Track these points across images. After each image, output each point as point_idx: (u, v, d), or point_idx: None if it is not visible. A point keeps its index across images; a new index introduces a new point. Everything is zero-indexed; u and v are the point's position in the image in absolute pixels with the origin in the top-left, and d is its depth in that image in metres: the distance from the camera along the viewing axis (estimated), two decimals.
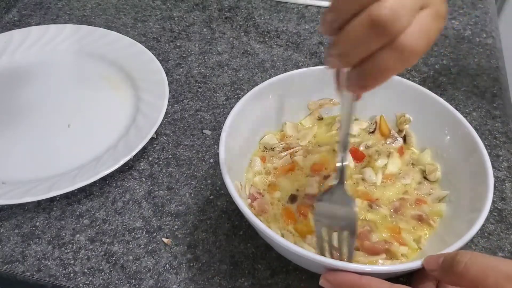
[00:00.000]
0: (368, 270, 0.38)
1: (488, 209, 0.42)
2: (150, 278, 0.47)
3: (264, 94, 0.54)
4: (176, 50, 0.73)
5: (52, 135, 0.61)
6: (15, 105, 0.64)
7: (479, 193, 0.45)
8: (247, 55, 0.73)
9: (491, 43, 0.75)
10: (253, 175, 0.52)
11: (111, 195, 0.54)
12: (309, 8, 0.82)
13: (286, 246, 0.40)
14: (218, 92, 0.67)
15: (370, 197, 0.49)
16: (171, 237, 0.51)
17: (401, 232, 0.47)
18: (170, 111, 0.64)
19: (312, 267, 0.43)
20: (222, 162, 0.46)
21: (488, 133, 0.61)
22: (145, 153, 0.59)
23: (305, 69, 0.56)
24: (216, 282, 0.47)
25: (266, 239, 0.43)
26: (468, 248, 0.50)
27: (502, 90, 0.67)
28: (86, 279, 0.47)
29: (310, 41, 0.75)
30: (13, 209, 0.53)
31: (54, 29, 0.73)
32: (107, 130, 0.61)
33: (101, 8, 0.81)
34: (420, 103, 0.54)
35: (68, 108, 0.64)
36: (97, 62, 0.70)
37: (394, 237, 0.46)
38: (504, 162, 0.58)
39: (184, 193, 0.55)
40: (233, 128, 0.49)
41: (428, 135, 0.54)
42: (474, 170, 0.47)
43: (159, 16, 0.80)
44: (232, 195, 0.44)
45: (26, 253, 0.49)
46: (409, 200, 0.49)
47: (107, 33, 0.72)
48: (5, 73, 0.69)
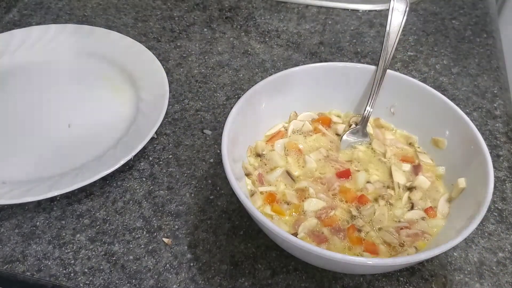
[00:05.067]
0: (369, 263, 0.39)
1: (487, 205, 0.42)
2: (151, 278, 0.47)
3: (264, 93, 0.54)
4: (176, 50, 0.73)
5: (52, 135, 0.61)
6: (15, 105, 0.64)
7: (479, 192, 0.45)
8: (248, 55, 0.73)
9: (491, 43, 0.75)
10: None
11: (111, 195, 0.54)
12: (309, 8, 0.82)
13: (296, 243, 0.40)
14: (218, 92, 0.67)
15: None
16: (171, 237, 0.51)
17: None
18: (171, 111, 0.64)
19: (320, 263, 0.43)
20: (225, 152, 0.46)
21: (489, 133, 0.61)
22: (146, 153, 0.59)
23: (306, 66, 0.56)
24: (216, 282, 0.47)
25: (268, 233, 0.44)
26: (469, 248, 0.50)
27: (502, 90, 0.67)
28: (86, 279, 0.47)
29: (311, 41, 0.75)
30: (13, 209, 0.53)
31: (54, 29, 0.73)
32: (107, 130, 0.61)
33: (101, 8, 0.81)
34: (422, 97, 0.54)
35: (68, 108, 0.64)
36: (98, 62, 0.70)
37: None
38: (505, 162, 0.58)
39: (184, 193, 0.55)
40: (234, 125, 0.50)
41: (428, 133, 0.54)
42: (476, 169, 0.47)
43: (159, 16, 0.80)
44: (235, 190, 0.44)
45: (27, 253, 0.49)
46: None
47: (108, 33, 0.72)
48: (5, 73, 0.69)
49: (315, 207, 0.48)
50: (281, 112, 0.57)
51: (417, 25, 0.78)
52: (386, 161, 0.53)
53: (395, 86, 0.56)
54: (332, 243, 0.46)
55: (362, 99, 0.57)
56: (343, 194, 0.49)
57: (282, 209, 0.48)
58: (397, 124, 0.57)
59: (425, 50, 0.74)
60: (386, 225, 0.47)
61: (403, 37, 0.76)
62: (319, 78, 0.57)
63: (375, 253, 0.45)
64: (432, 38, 0.76)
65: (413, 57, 0.72)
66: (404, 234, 0.46)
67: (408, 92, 0.55)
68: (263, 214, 0.42)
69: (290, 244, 0.41)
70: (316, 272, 0.48)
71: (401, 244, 0.46)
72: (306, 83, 0.56)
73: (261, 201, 0.49)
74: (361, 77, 0.57)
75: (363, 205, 0.49)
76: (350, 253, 0.45)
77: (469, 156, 0.49)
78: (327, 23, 0.79)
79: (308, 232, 0.46)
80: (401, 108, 0.56)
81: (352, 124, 0.56)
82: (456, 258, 0.49)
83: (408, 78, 0.55)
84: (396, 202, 0.50)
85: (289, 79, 0.56)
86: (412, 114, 0.55)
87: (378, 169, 0.52)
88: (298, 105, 0.57)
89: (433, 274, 0.48)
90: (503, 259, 0.49)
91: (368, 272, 0.47)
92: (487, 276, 0.48)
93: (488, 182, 0.44)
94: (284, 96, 0.56)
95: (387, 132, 0.56)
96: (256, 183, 0.50)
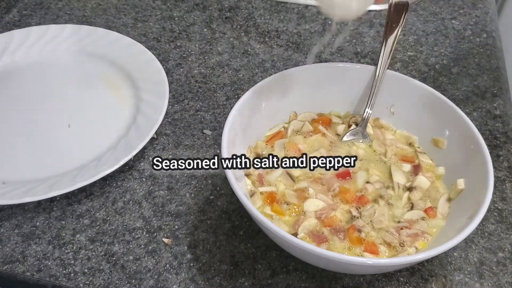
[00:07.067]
0: (369, 263, 0.39)
1: (487, 205, 0.42)
2: (150, 278, 0.47)
3: (264, 93, 0.54)
4: (176, 50, 0.73)
5: (52, 135, 0.61)
6: (15, 105, 0.64)
7: (479, 192, 0.45)
8: (248, 55, 0.73)
9: (491, 43, 0.75)
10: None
11: (111, 195, 0.54)
12: (309, 8, 0.82)
13: (295, 243, 0.40)
14: (218, 92, 0.67)
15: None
16: (171, 237, 0.51)
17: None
18: (170, 111, 0.64)
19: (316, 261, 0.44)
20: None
21: (489, 133, 0.61)
22: (145, 153, 0.59)
23: (306, 66, 0.56)
24: (216, 282, 0.47)
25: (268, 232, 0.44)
26: (469, 248, 0.50)
27: (502, 90, 0.67)
28: (86, 279, 0.47)
29: (310, 41, 0.75)
30: (13, 209, 0.53)
31: (54, 29, 0.73)
32: (107, 130, 0.61)
33: (101, 8, 0.81)
34: (422, 97, 0.54)
35: (68, 108, 0.64)
36: (98, 62, 0.70)
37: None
38: (505, 162, 0.58)
39: (184, 193, 0.55)
40: (234, 124, 0.50)
41: (428, 132, 0.54)
42: (475, 169, 0.47)
43: (159, 16, 0.80)
44: (234, 189, 0.44)
45: (26, 253, 0.49)
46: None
47: (108, 33, 0.72)
48: (5, 73, 0.69)
49: (315, 207, 0.48)
50: (281, 112, 0.57)
51: (417, 25, 0.78)
52: (387, 160, 0.53)
53: (395, 86, 0.56)
54: (332, 243, 0.46)
55: (362, 99, 0.57)
56: (343, 194, 0.49)
57: (282, 209, 0.48)
58: (397, 124, 0.57)
59: (425, 50, 0.74)
60: (386, 225, 0.47)
61: (403, 37, 0.76)
62: (319, 78, 0.57)
63: (375, 253, 0.45)
64: (432, 38, 0.76)
65: (413, 57, 0.72)
66: (404, 234, 0.46)
67: (408, 92, 0.55)
68: (263, 214, 0.42)
69: (290, 244, 0.41)
70: (316, 272, 0.48)
71: (401, 244, 0.46)
72: (306, 83, 0.56)
73: (261, 201, 0.49)
74: (361, 77, 0.57)
75: (363, 206, 0.49)
76: (350, 253, 0.45)
77: (469, 156, 0.49)
78: (327, 23, 0.79)
79: (308, 233, 0.46)
80: (401, 108, 0.56)
81: (352, 125, 0.56)
82: (456, 258, 0.49)
83: (408, 78, 0.56)
84: (396, 202, 0.50)
85: (289, 79, 0.56)
86: (412, 114, 0.55)
87: (378, 169, 0.52)
88: (298, 105, 0.57)
89: (433, 274, 0.48)
90: (503, 259, 0.49)
91: (368, 272, 0.47)
92: (487, 276, 0.48)
93: (488, 182, 0.44)
94: (284, 96, 0.56)
95: (387, 132, 0.56)
96: (256, 183, 0.50)
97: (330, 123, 0.57)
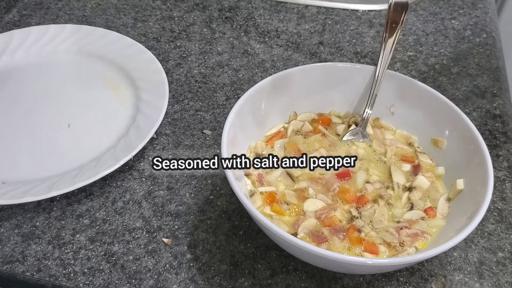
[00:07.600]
0: (369, 263, 0.39)
1: (487, 205, 0.42)
2: (150, 278, 0.47)
3: (264, 93, 0.54)
4: (176, 50, 0.73)
5: (52, 135, 0.61)
6: (15, 105, 0.64)
7: (479, 192, 0.45)
8: (247, 55, 0.73)
9: (491, 43, 0.75)
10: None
11: (111, 195, 0.54)
12: (309, 8, 0.82)
13: (295, 243, 0.40)
14: (218, 92, 0.67)
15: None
16: (171, 237, 0.51)
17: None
18: (170, 111, 0.64)
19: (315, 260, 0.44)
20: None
21: (488, 133, 0.61)
22: (145, 153, 0.59)
23: (306, 66, 0.56)
24: (216, 282, 0.47)
25: (269, 233, 0.44)
26: (469, 248, 0.50)
27: (502, 90, 0.67)
28: (86, 279, 0.47)
29: (310, 41, 0.75)
30: (13, 209, 0.53)
31: (54, 29, 0.73)
32: (107, 130, 0.61)
33: (101, 8, 0.81)
34: (422, 97, 0.54)
35: (68, 108, 0.64)
36: (97, 62, 0.70)
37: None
38: (504, 162, 0.58)
39: (184, 193, 0.55)
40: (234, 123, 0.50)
41: (428, 132, 0.54)
42: (475, 169, 0.47)
43: (159, 16, 0.80)
44: (234, 189, 0.44)
45: (26, 253, 0.49)
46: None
47: (107, 33, 0.72)
48: (5, 73, 0.69)
49: (315, 207, 0.48)
50: (281, 112, 0.57)
51: (417, 25, 0.78)
52: (386, 160, 0.53)
53: (394, 86, 0.56)
54: (332, 243, 0.46)
55: (362, 99, 0.57)
56: (342, 194, 0.49)
57: (282, 209, 0.48)
58: (397, 124, 0.57)
59: (425, 50, 0.74)
60: (386, 225, 0.47)
61: (403, 37, 0.76)
62: (319, 78, 0.57)
63: (375, 253, 0.45)
64: (431, 38, 0.76)
65: (413, 57, 0.72)
66: (404, 234, 0.46)
67: (408, 92, 0.55)
68: (263, 214, 0.42)
69: (290, 244, 0.41)
70: (316, 272, 0.48)
71: (401, 244, 0.46)
72: (306, 83, 0.56)
73: (261, 201, 0.49)
74: (360, 77, 0.57)
75: (363, 206, 0.49)
76: (350, 253, 0.45)
77: (468, 156, 0.49)
78: (327, 23, 0.79)
79: (308, 232, 0.46)
80: (401, 108, 0.56)
81: (352, 125, 0.56)
82: (456, 258, 0.49)
83: (407, 78, 0.56)
84: (396, 202, 0.50)
85: (289, 79, 0.56)
86: (411, 114, 0.55)
87: (378, 169, 0.52)
88: (298, 105, 0.57)
89: (433, 274, 0.48)
90: (503, 259, 0.49)
91: (368, 272, 0.47)
92: (486, 276, 0.48)
93: (487, 182, 0.44)
94: (284, 96, 0.56)
95: (386, 132, 0.57)
96: (256, 183, 0.50)
97: (330, 123, 0.57)
